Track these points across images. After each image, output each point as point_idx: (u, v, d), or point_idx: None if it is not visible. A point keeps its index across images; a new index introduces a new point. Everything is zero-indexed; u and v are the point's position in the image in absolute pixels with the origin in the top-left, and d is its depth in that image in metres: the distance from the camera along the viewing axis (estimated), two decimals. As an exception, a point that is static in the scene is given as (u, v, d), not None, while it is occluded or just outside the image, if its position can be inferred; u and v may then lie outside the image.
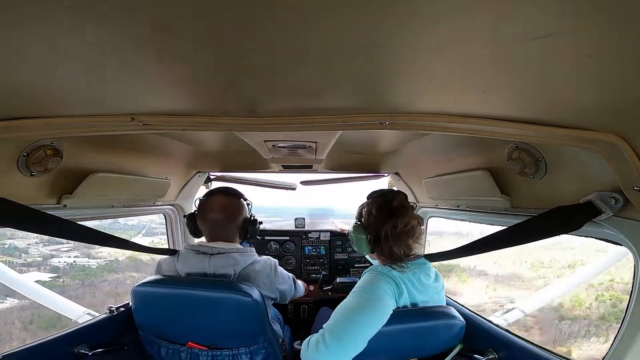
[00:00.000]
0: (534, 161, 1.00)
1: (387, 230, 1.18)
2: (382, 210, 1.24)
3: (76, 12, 0.39)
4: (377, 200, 1.29)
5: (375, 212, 1.25)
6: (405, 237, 1.19)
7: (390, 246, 1.17)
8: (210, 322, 1.18)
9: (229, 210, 1.39)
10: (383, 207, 1.24)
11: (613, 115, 0.64)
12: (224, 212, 1.37)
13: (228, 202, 1.41)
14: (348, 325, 0.98)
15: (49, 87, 0.62)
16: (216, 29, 0.43)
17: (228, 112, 0.77)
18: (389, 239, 1.17)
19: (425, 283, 1.16)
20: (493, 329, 1.27)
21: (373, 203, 1.29)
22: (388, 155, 1.84)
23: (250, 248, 1.40)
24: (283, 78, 0.60)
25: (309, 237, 2.57)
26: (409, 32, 0.43)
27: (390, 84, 0.62)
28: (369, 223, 1.26)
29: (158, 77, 0.59)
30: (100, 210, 1.44)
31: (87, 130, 0.85)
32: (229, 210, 1.39)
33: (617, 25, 0.39)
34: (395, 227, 1.17)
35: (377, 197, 1.31)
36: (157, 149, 1.57)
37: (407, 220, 1.19)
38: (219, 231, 1.38)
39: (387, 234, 1.18)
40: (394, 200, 1.25)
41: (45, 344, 1.10)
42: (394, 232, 1.17)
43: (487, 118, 0.73)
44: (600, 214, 0.83)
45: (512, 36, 0.43)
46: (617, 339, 0.84)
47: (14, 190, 0.99)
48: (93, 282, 4.57)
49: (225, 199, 1.41)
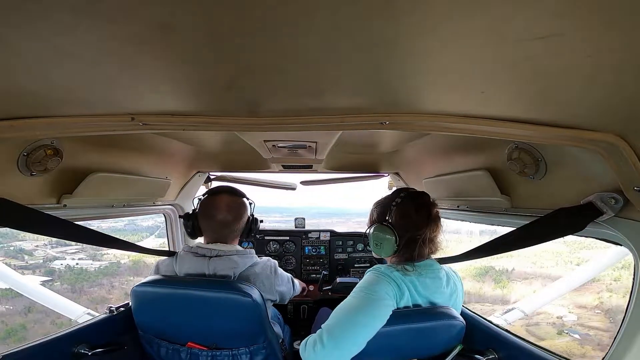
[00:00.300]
0: (534, 161, 1.00)
1: (424, 235, 1.14)
2: (421, 214, 1.17)
3: (76, 11, 0.39)
4: (413, 201, 1.20)
5: (412, 215, 1.17)
6: (431, 242, 1.17)
7: (414, 250, 1.14)
8: (209, 322, 1.18)
9: (235, 209, 1.38)
10: (421, 209, 1.18)
11: (613, 115, 0.64)
12: (231, 212, 1.36)
13: (235, 202, 1.39)
14: (346, 325, 0.98)
15: (49, 87, 0.62)
16: (216, 28, 0.43)
17: (228, 112, 0.77)
18: (418, 244, 1.14)
19: (431, 286, 1.13)
20: (493, 329, 1.27)
21: (409, 204, 1.19)
22: (388, 155, 1.84)
23: (250, 250, 1.38)
24: (283, 78, 0.60)
25: (309, 237, 2.57)
26: (409, 32, 0.43)
27: (390, 84, 0.62)
28: (401, 225, 1.16)
29: (158, 76, 0.59)
30: (100, 210, 1.44)
31: (87, 130, 0.85)
32: (235, 209, 1.38)
33: (617, 25, 0.39)
34: (433, 231, 1.16)
35: (411, 199, 1.21)
36: (157, 148, 1.57)
37: (438, 226, 1.18)
38: (224, 231, 1.36)
39: (423, 239, 1.14)
40: (433, 205, 1.20)
41: (45, 343, 1.10)
42: (426, 238, 1.15)
43: (487, 118, 0.73)
44: (601, 214, 0.83)
45: (512, 36, 0.43)
46: (617, 339, 0.84)
47: (14, 190, 0.99)
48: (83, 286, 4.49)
49: (231, 198, 1.39)
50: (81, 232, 1.11)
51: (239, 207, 1.40)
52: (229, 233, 1.37)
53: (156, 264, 1.40)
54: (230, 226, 1.36)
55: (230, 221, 1.35)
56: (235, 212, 1.37)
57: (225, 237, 1.36)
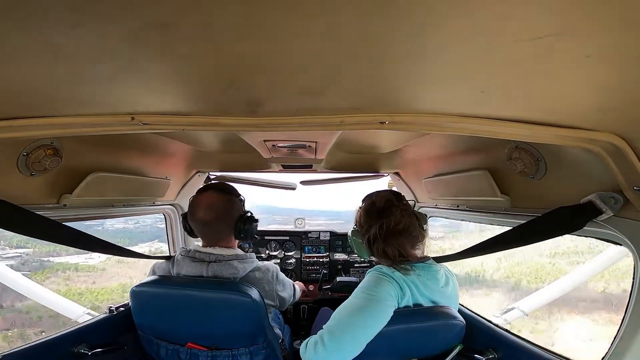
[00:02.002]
0: (534, 161, 1.00)
1: (376, 231, 1.17)
2: (370, 212, 1.24)
3: (76, 11, 0.39)
4: (365, 202, 1.30)
5: (364, 215, 1.26)
6: (397, 237, 1.15)
7: (382, 247, 1.16)
8: (209, 322, 1.18)
9: (217, 208, 1.28)
10: (370, 209, 1.24)
11: (613, 115, 0.64)
12: (212, 211, 1.27)
13: (217, 200, 1.29)
14: (348, 327, 0.98)
15: (48, 87, 0.62)
16: (216, 28, 0.43)
17: (228, 112, 0.77)
18: (379, 240, 1.16)
19: (431, 287, 1.13)
20: (493, 329, 1.27)
21: (363, 206, 1.30)
22: (388, 155, 1.84)
23: (251, 254, 1.33)
24: (283, 78, 0.60)
25: (309, 237, 2.57)
26: (409, 31, 0.43)
27: (390, 84, 0.62)
28: (361, 226, 1.26)
29: (158, 76, 0.59)
30: (99, 209, 1.44)
31: (87, 130, 0.85)
32: (217, 208, 1.28)
33: (617, 25, 0.39)
34: (381, 227, 1.16)
35: (365, 200, 1.31)
36: (157, 148, 1.57)
37: (398, 220, 1.16)
38: (208, 232, 1.30)
39: (376, 235, 1.16)
40: (378, 200, 1.24)
41: (45, 343, 1.10)
42: (382, 233, 1.16)
43: (487, 118, 0.73)
44: (600, 214, 0.84)
45: (512, 36, 0.43)
46: (617, 339, 0.84)
47: (14, 190, 0.99)
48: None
49: (214, 195, 1.30)
50: (80, 237, 1.10)
51: (223, 205, 1.30)
52: (215, 233, 1.30)
53: (152, 267, 1.38)
54: (211, 225, 1.28)
55: (211, 220, 1.27)
56: (217, 210, 1.27)
57: (215, 239, 1.30)
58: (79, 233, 1.10)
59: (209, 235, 1.32)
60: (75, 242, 1.12)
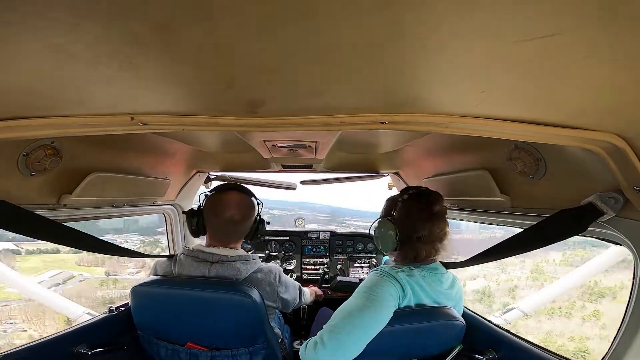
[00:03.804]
0: (534, 161, 1.00)
1: (424, 234, 1.14)
2: (423, 213, 1.17)
3: (76, 11, 0.39)
4: (417, 200, 1.20)
5: (414, 212, 1.18)
6: (434, 243, 1.16)
7: (418, 249, 1.14)
8: (209, 322, 1.18)
9: (244, 208, 1.33)
10: (424, 209, 1.17)
11: (613, 115, 0.64)
12: (240, 210, 1.30)
13: (244, 200, 1.34)
14: (348, 326, 0.98)
15: (48, 87, 0.62)
16: (216, 28, 0.43)
17: (228, 112, 0.76)
18: (421, 243, 1.14)
19: (435, 288, 1.13)
20: (493, 329, 1.27)
21: (412, 202, 1.20)
22: (388, 155, 1.84)
23: (253, 255, 1.33)
24: (283, 78, 0.60)
25: (309, 237, 2.57)
26: (409, 31, 0.43)
27: (390, 84, 0.62)
28: (403, 222, 1.18)
29: (158, 76, 0.59)
30: (99, 209, 1.44)
31: (87, 130, 0.85)
32: (244, 208, 1.33)
33: (617, 25, 0.39)
34: (432, 232, 1.14)
35: (417, 197, 1.21)
36: (157, 148, 1.57)
37: (443, 226, 1.16)
38: (230, 231, 1.31)
39: (421, 237, 1.14)
40: (436, 203, 1.18)
41: (45, 343, 1.10)
42: (429, 237, 1.14)
43: (487, 118, 0.73)
44: (602, 215, 0.83)
45: (512, 36, 0.43)
46: (617, 339, 0.84)
47: (14, 190, 0.99)
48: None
49: (240, 196, 1.34)
50: (80, 238, 1.10)
51: (248, 207, 1.35)
52: (234, 233, 1.32)
53: (154, 266, 1.38)
54: (237, 225, 1.31)
55: (238, 220, 1.31)
56: (244, 211, 1.33)
57: (229, 238, 1.32)
58: (79, 233, 1.10)
59: (229, 234, 1.32)
60: (76, 242, 1.12)
